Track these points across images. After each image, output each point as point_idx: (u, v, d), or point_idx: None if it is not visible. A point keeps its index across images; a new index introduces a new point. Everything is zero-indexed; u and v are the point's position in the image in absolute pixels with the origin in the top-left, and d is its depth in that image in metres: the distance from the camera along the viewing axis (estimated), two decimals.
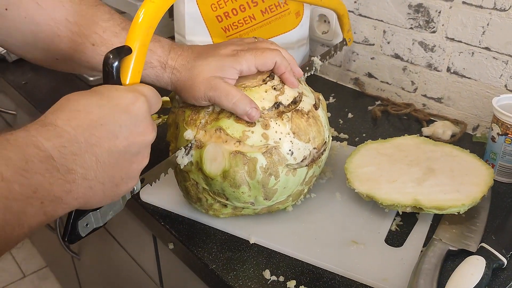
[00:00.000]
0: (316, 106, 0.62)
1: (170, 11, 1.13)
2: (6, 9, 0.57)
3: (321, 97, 0.66)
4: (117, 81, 0.47)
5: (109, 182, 0.43)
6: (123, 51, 0.47)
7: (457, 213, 0.61)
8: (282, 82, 0.61)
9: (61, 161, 0.38)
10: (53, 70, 1.14)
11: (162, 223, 0.66)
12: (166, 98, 0.97)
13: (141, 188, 0.52)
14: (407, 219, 0.66)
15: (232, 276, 0.58)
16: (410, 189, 0.64)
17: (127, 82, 0.48)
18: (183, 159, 0.58)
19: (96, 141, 0.41)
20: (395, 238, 0.63)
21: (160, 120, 0.91)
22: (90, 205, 0.43)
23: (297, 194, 0.63)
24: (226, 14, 0.93)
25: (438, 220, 0.65)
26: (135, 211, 0.72)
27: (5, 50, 1.15)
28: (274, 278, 0.57)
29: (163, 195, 0.69)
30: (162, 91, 1.05)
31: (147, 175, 0.56)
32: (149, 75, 0.61)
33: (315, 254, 0.60)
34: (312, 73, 0.84)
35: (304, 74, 0.83)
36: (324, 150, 0.62)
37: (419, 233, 0.63)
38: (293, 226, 0.64)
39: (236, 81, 0.59)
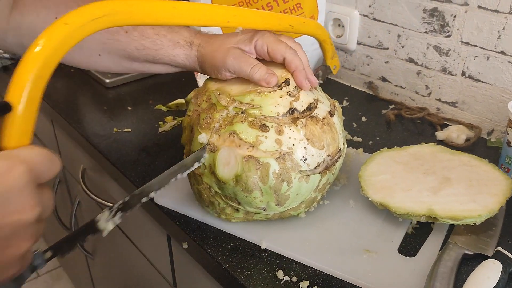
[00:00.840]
0: (331, 113, 0.62)
1: None
2: (56, 18, 0.60)
3: (337, 104, 0.66)
4: None
5: None
6: (0, 109, 0.38)
7: (473, 224, 0.60)
8: (298, 88, 0.60)
9: None
10: (69, 73, 1.16)
11: (177, 223, 0.67)
12: (182, 101, 0.99)
13: (47, 261, 0.44)
14: (421, 229, 0.65)
15: (246, 275, 0.58)
16: (425, 198, 0.63)
17: (11, 145, 0.39)
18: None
19: None
20: (409, 248, 0.62)
21: (175, 122, 0.92)
22: None
23: (310, 201, 0.63)
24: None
25: (452, 229, 0.64)
26: (150, 211, 0.73)
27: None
28: (287, 278, 0.58)
29: (176, 198, 0.70)
30: (177, 92, 1.05)
31: (57, 246, 0.46)
32: (179, 54, 0.64)
33: (327, 261, 0.59)
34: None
35: None
36: (339, 157, 0.62)
37: (433, 242, 0.62)
38: (305, 232, 0.64)
39: (248, 84, 0.60)
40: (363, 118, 0.94)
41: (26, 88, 0.39)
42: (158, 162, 0.80)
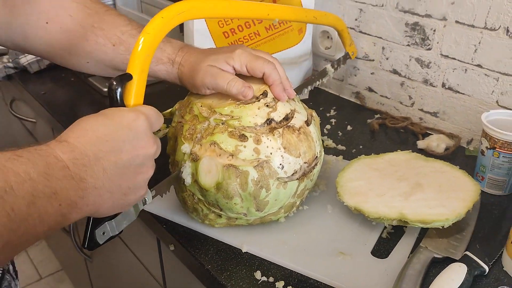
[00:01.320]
0: (308, 123, 0.65)
1: (181, 27, 1.19)
2: (47, 23, 0.67)
3: (314, 113, 0.69)
4: (121, 104, 0.52)
5: (117, 191, 0.48)
6: (125, 78, 0.53)
7: (441, 227, 0.64)
8: (275, 99, 0.64)
9: (75, 171, 0.43)
10: (69, 82, 1.21)
11: (164, 226, 0.71)
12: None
13: (152, 199, 0.58)
14: (395, 232, 0.68)
15: (226, 276, 0.62)
16: (397, 203, 0.67)
17: (132, 104, 0.54)
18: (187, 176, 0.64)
19: (103, 155, 0.46)
20: (382, 250, 0.66)
21: (168, 129, 0.96)
22: (101, 212, 0.48)
23: (289, 206, 0.66)
24: (233, 30, 0.98)
25: (425, 233, 0.67)
26: (141, 215, 0.77)
27: (27, 62, 1.23)
28: (264, 278, 0.61)
29: (162, 204, 0.73)
30: (171, 101, 1.10)
31: (157, 188, 0.61)
32: (161, 70, 0.69)
33: (303, 263, 0.62)
34: (325, 80, 0.92)
35: (318, 81, 0.93)
36: (316, 164, 0.65)
37: (404, 245, 0.66)
38: (284, 236, 0.67)
39: (228, 97, 0.63)
40: (349, 127, 0.98)
41: (139, 64, 0.54)
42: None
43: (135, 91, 0.54)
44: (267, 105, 0.62)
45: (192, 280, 0.74)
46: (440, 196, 0.68)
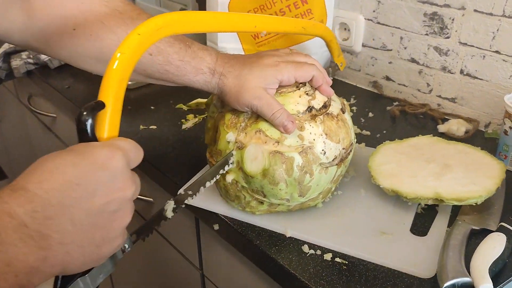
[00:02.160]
0: (343, 110, 0.68)
1: None
2: (74, 29, 0.64)
3: (345, 102, 0.72)
4: (93, 139, 0.45)
5: (89, 244, 0.41)
6: (97, 107, 0.45)
7: (474, 204, 0.67)
8: (313, 88, 0.66)
9: (35, 227, 0.36)
10: (90, 76, 1.23)
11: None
12: (202, 100, 1.06)
13: (133, 244, 0.51)
14: (428, 211, 0.71)
15: (275, 250, 0.65)
16: (430, 183, 0.70)
17: (105, 137, 0.46)
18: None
19: (72, 203, 0.39)
20: (419, 228, 0.68)
21: (197, 119, 0.99)
22: (70, 270, 0.41)
23: (326, 192, 0.69)
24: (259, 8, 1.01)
25: (456, 210, 0.70)
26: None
27: (48, 58, 1.25)
28: (312, 251, 0.65)
29: (199, 195, 0.72)
30: (195, 93, 1.13)
31: (139, 231, 0.54)
32: (199, 81, 0.66)
33: (348, 244, 0.65)
34: None
35: None
36: (351, 150, 0.68)
37: (440, 222, 0.69)
38: (324, 220, 0.69)
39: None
40: (370, 114, 1.02)
41: (113, 89, 0.46)
42: (184, 155, 0.87)
43: (109, 122, 0.46)
44: (307, 94, 0.65)
45: (234, 259, 0.77)
46: (469, 175, 0.71)
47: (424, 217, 0.71)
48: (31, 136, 1.66)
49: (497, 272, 0.60)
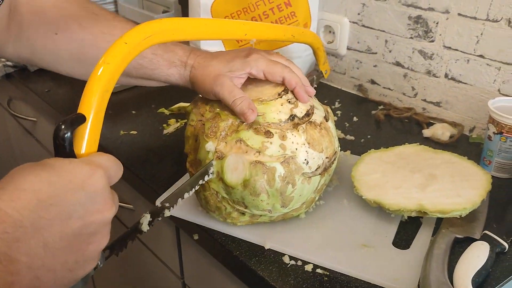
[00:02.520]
0: (326, 118, 0.67)
1: None
2: (56, 34, 0.66)
3: (329, 110, 0.70)
4: (70, 154, 0.42)
5: (61, 268, 0.38)
6: (76, 120, 0.42)
7: (459, 216, 0.66)
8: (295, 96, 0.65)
9: (3, 249, 0.34)
10: (71, 80, 1.21)
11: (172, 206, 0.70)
12: (184, 104, 1.04)
13: (105, 261, 0.47)
14: (412, 223, 0.70)
15: (255, 261, 0.64)
16: (414, 194, 0.68)
17: (83, 152, 0.43)
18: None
19: (45, 224, 0.36)
20: (402, 241, 0.67)
21: (178, 124, 0.97)
22: None
23: (309, 202, 0.67)
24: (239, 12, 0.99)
25: (440, 222, 0.68)
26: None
27: None
28: (293, 262, 0.63)
29: (176, 205, 0.70)
30: (177, 97, 1.10)
31: (113, 245, 0.50)
32: (173, 74, 0.68)
33: (329, 257, 0.63)
34: None
35: None
36: (335, 159, 0.67)
37: (424, 235, 0.67)
38: (306, 231, 0.68)
39: (251, 93, 0.64)
40: (355, 118, 1.00)
41: (95, 102, 0.43)
42: (165, 162, 0.85)
43: (89, 136, 0.43)
44: (289, 101, 0.64)
45: (215, 269, 0.76)
46: (454, 186, 0.69)
47: (407, 229, 0.69)
48: (11, 140, 1.63)
49: (481, 283, 0.59)
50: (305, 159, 0.61)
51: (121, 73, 0.47)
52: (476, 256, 0.60)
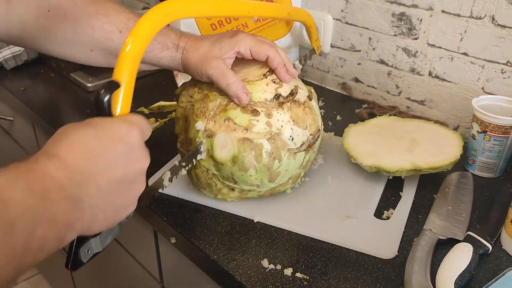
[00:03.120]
0: (310, 97, 0.69)
1: None
2: (49, 11, 0.65)
3: (312, 90, 0.73)
4: (109, 114, 0.49)
5: (110, 209, 0.45)
6: (113, 86, 0.49)
7: (447, 170, 0.74)
8: None
9: (71, 190, 0.41)
10: (49, 78, 1.17)
11: (164, 218, 0.70)
12: (164, 103, 1.02)
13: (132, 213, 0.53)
14: (391, 197, 0.74)
15: (233, 265, 0.62)
16: (406, 156, 0.75)
17: (117, 114, 0.50)
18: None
19: (96, 171, 0.43)
20: (382, 213, 0.71)
21: (158, 123, 0.95)
22: (91, 231, 0.45)
23: (295, 177, 0.70)
24: (220, 22, 0.98)
25: (418, 196, 0.75)
26: (137, 209, 0.76)
27: (3, 58, 1.18)
28: (272, 266, 0.61)
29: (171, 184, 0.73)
30: (158, 95, 1.08)
31: (141, 197, 0.55)
32: (166, 56, 0.68)
33: (314, 228, 0.67)
34: None
35: None
36: (318, 136, 0.70)
37: (402, 207, 0.72)
38: (292, 205, 0.71)
39: (238, 74, 0.65)
40: (338, 117, 0.99)
41: (128, 69, 0.50)
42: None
43: (123, 99, 0.50)
44: (274, 81, 0.66)
45: (193, 273, 0.74)
46: (435, 146, 0.77)
47: (388, 203, 0.73)
48: None
49: (464, 286, 0.58)
50: (290, 136, 0.64)
51: (147, 45, 0.53)
52: (459, 258, 0.59)
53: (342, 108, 1.03)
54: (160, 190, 0.62)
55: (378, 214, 0.71)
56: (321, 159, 0.82)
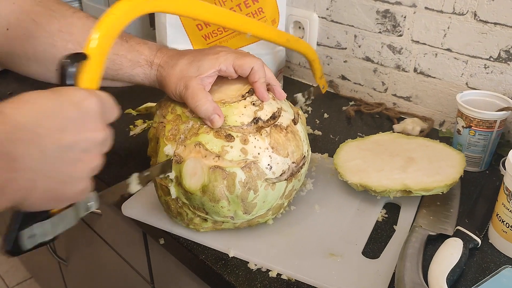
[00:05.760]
0: (295, 121, 0.64)
1: (152, 21, 1.17)
2: (7, 29, 0.62)
3: (300, 112, 0.68)
4: (72, 85, 0.47)
5: (54, 178, 0.42)
6: (79, 57, 0.48)
7: (441, 193, 0.68)
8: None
9: (6, 147, 0.38)
10: (36, 81, 1.17)
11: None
12: (152, 104, 1.02)
13: (97, 206, 0.51)
14: (384, 231, 0.68)
15: (220, 265, 0.62)
16: (397, 175, 0.70)
17: (85, 87, 0.48)
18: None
19: (44, 132, 0.40)
20: (372, 250, 0.64)
21: (146, 125, 0.95)
22: (31, 201, 0.42)
23: (277, 208, 0.65)
24: (207, 23, 0.97)
25: (412, 228, 0.66)
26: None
27: None
28: (258, 267, 0.61)
29: (144, 209, 0.70)
30: (146, 96, 1.07)
31: (105, 194, 0.54)
32: (138, 74, 0.66)
33: (293, 267, 0.60)
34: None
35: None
36: (304, 164, 0.64)
37: (395, 245, 0.64)
38: (273, 239, 0.65)
39: (215, 94, 0.62)
40: (325, 115, 0.99)
41: (98, 44, 0.49)
42: (131, 164, 0.82)
43: (90, 74, 0.48)
44: (253, 104, 0.61)
45: (183, 273, 0.74)
46: (432, 166, 0.72)
47: (378, 238, 0.66)
48: None
49: (456, 280, 0.59)
50: (268, 164, 0.59)
51: (124, 25, 0.51)
52: (450, 253, 0.60)
53: (330, 105, 1.04)
54: (126, 195, 0.57)
55: (367, 251, 0.64)
56: (310, 184, 0.75)
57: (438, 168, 0.71)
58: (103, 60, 0.50)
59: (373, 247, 0.65)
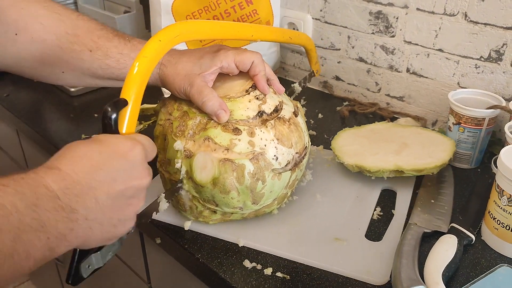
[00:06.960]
0: (295, 114, 0.67)
1: (147, 23, 1.18)
2: (16, 34, 0.64)
3: (299, 105, 0.70)
4: (115, 131, 0.50)
5: (107, 223, 0.46)
6: (120, 104, 0.51)
7: (431, 174, 0.73)
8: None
9: (66, 201, 0.41)
10: (32, 83, 1.17)
11: (149, 220, 0.70)
12: (148, 105, 1.03)
13: (134, 229, 0.54)
14: (384, 216, 0.71)
15: (216, 263, 0.63)
16: (391, 158, 0.75)
17: (123, 132, 0.51)
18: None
19: (96, 185, 0.44)
20: (374, 233, 0.67)
21: (142, 126, 0.96)
22: (88, 244, 0.46)
23: (281, 197, 0.67)
24: (200, 11, 0.98)
25: (411, 212, 0.70)
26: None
27: None
28: (254, 264, 0.62)
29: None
30: (146, 96, 1.09)
31: (141, 215, 0.59)
32: None
33: (301, 252, 0.63)
34: (292, 97, 0.91)
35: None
36: (305, 154, 0.67)
37: (395, 227, 0.68)
38: (279, 227, 0.68)
39: (219, 90, 0.64)
40: (320, 115, 1.00)
41: (135, 88, 0.52)
42: None
43: (129, 118, 0.51)
44: (257, 98, 0.63)
45: (179, 272, 0.75)
46: (425, 150, 0.77)
47: (379, 222, 0.70)
48: None
49: (451, 277, 0.60)
50: (275, 155, 0.61)
51: (155, 65, 0.54)
52: (445, 250, 0.61)
53: (324, 106, 1.05)
54: (157, 213, 0.63)
55: (370, 234, 0.67)
56: (309, 175, 0.78)
57: (430, 152, 0.76)
58: (139, 103, 0.53)
59: (375, 231, 0.68)
